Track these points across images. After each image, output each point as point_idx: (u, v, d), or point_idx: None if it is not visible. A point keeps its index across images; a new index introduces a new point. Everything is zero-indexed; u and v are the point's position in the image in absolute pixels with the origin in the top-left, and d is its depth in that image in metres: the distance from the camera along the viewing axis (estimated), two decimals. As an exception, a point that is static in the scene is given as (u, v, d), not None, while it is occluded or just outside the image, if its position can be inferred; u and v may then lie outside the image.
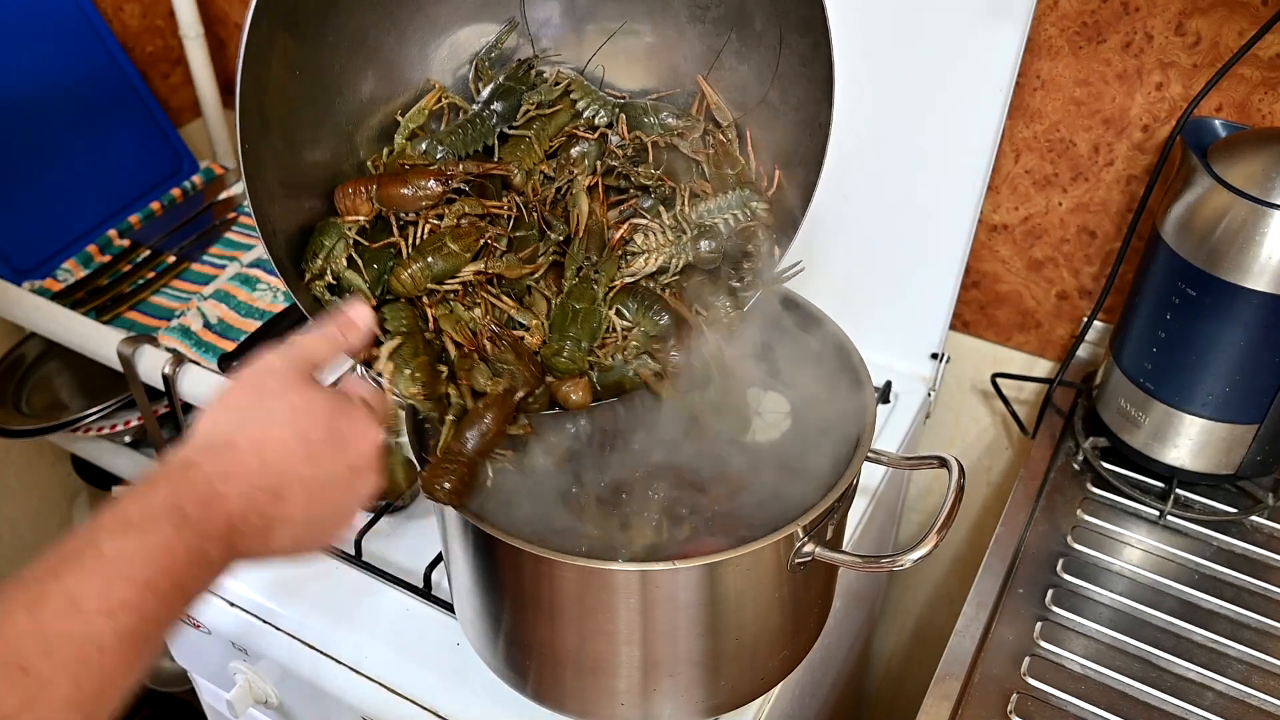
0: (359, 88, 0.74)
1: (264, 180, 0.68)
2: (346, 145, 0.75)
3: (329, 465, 0.59)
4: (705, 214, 0.77)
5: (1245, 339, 0.85)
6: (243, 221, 1.35)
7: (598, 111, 0.79)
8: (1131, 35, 0.92)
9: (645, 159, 0.77)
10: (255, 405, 0.59)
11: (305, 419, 0.59)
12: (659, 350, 0.75)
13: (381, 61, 0.75)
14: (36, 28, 1.26)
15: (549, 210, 0.76)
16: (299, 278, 0.72)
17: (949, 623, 0.87)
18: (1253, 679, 0.82)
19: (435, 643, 0.84)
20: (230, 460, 0.56)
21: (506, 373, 0.71)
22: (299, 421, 0.59)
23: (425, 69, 0.78)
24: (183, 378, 1.13)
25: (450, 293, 0.72)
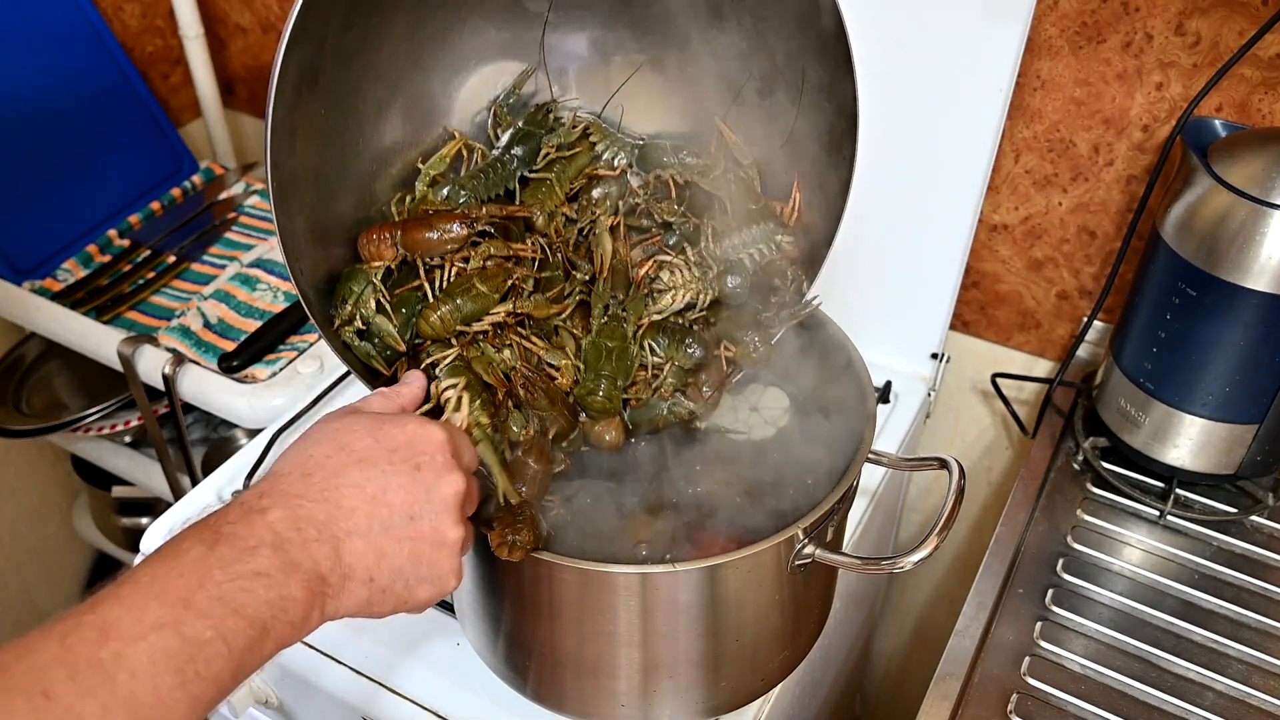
0: (381, 136, 0.75)
1: (294, 234, 0.68)
2: (368, 194, 0.75)
3: (385, 467, 0.56)
4: (730, 250, 0.77)
5: (1245, 339, 0.85)
6: (243, 221, 1.35)
7: (617, 153, 0.79)
8: (1131, 35, 0.92)
9: (667, 195, 0.77)
10: (298, 441, 0.58)
11: (345, 433, 0.57)
12: (692, 384, 0.75)
13: (403, 107, 0.75)
14: (37, 28, 1.26)
15: (573, 251, 0.76)
16: (329, 324, 0.72)
17: (949, 623, 0.87)
18: (1253, 679, 0.82)
19: (435, 643, 0.84)
20: (268, 483, 0.55)
21: (538, 418, 0.71)
22: (339, 436, 0.57)
23: (447, 113, 0.78)
24: (183, 378, 1.13)
25: (480, 334, 0.72)
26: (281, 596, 0.51)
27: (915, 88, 0.96)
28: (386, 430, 0.58)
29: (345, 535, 0.54)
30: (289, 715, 0.93)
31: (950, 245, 1.03)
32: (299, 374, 1.12)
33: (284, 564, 0.51)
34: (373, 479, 0.56)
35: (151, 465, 1.34)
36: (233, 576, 0.49)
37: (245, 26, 1.44)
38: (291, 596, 0.51)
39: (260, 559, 0.51)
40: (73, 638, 0.45)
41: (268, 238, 1.31)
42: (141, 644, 0.46)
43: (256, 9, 1.41)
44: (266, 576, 0.51)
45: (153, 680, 0.46)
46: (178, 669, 0.47)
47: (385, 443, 0.57)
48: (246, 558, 0.50)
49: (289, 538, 0.52)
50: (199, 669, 0.47)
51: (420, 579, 0.57)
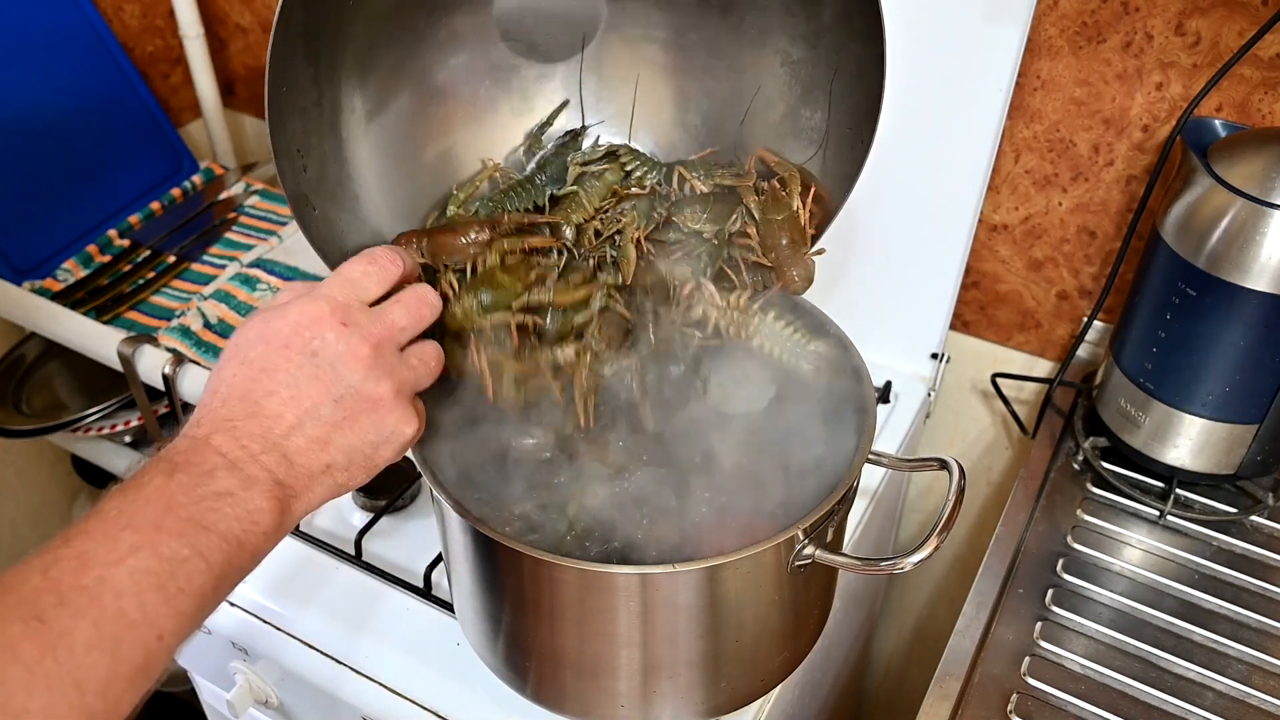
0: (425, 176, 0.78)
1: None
2: (409, 217, 0.78)
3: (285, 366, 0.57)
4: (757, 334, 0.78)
5: (1245, 339, 0.85)
6: (243, 221, 1.35)
7: (647, 172, 0.80)
8: (1131, 35, 0.92)
9: (693, 203, 0.78)
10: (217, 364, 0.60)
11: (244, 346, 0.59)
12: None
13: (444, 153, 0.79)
14: (36, 29, 1.26)
15: (598, 259, 0.78)
16: None
17: (949, 623, 0.87)
18: (1253, 679, 0.82)
19: (435, 643, 0.84)
20: (201, 411, 0.57)
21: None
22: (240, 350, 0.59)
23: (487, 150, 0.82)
24: (183, 378, 1.13)
25: (501, 330, 0.73)
26: (249, 511, 0.53)
27: (915, 88, 0.96)
28: (273, 327, 0.58)
29: (284, 439, 0.56)
30: (289, 715, 0.93)
31: (950, 245, 1.03)
32: (299, 374, 1.12)
33: (242, 480, 0.54)
34: (282, 382, 0.57)
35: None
36: (196, 499, 0.52)
37: (245, 26, 1.44)
38: (258, 508, 0.54)
39: (219, 480, 0.53)
40: (54, 570, 0.47)
41: (268, 238, 1.31)
42: (121, 567, 0.48)
43: (256, 9, 1.41)
44: (230, 495, 0.53)
45: (138, 597, 0.48)
46: (160, 585, 0.49)
47: (276, 341, 0.58)
48: (205, 481, 0.53)
49: (238, 456, 0.54)
50: (181, 585, 0.50)
51: (375, 444, 0.60)
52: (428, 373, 0.64)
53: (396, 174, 0.78)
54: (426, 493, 0.96)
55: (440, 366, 0.65)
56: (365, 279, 0.62)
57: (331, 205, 0.72)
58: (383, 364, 0.60)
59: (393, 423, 0.60)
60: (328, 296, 0.60)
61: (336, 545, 0.91)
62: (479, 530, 0.66)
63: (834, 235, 1.07)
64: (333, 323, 0.59)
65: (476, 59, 0.79)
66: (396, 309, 0.62)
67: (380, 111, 0.75)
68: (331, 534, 0.93)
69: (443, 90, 0.79)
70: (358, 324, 0.60)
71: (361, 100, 0.74)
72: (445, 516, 0.72)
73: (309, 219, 0.70)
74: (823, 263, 0.86)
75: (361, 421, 0.59)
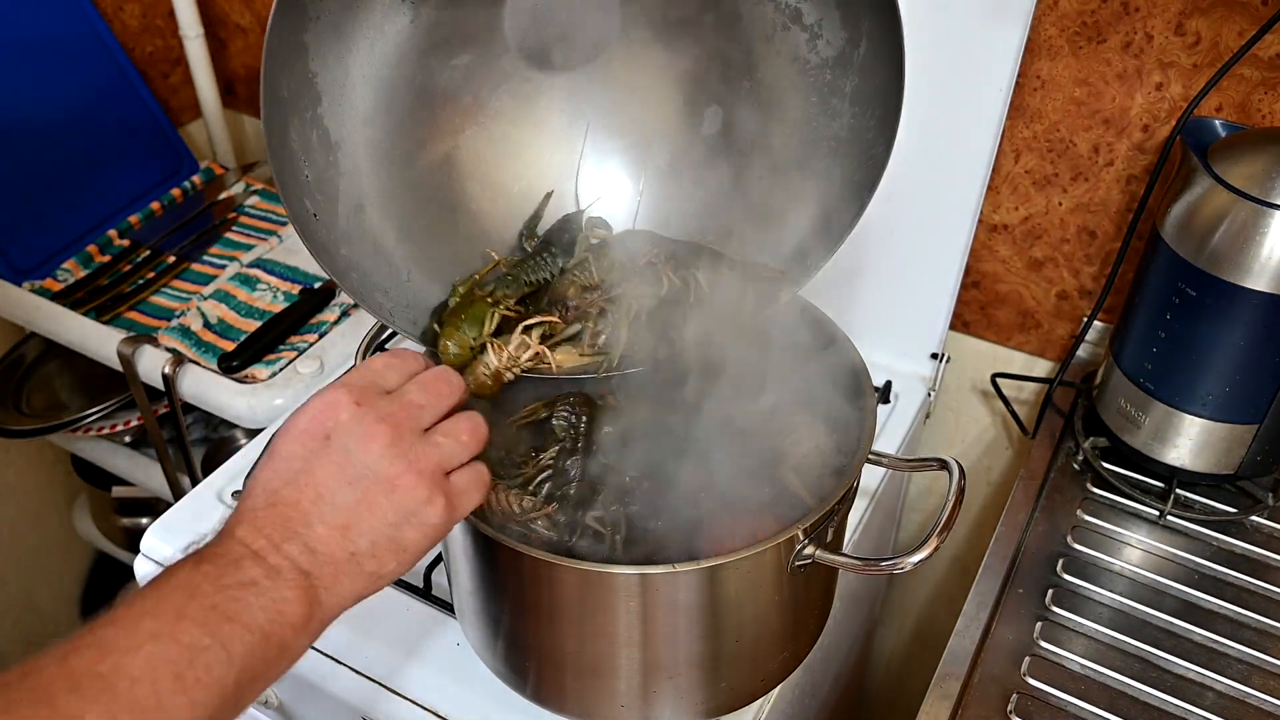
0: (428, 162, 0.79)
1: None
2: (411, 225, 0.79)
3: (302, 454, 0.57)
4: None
5: (1245, 339, 0.85)
6: (243, 221, 1.35)
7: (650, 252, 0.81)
8: (1131, 35, 0.92)
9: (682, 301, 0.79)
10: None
11: (273, 442, 0.59)
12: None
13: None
14: (37, 29, 1.26)
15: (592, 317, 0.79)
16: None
17: (949, 623, 0.87)
18: (1253, 679, 0.82)
19: (435, 643, 0.84)
20: (235, 510, 0.57)
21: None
22: (270, 447, 0.59)
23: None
24: (183, 378, 1.13)
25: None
26: (275, 600, 0.52)
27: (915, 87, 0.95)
28: (295, 421, 0.59)
29: (306, 528, 0.56)
30: (289, 715, 0.93)
31: (950, 245, 1.03)
32: (299, 374, 1.12)
33: (267, 571, 0.53)
34: (300, 471, 0.57)
35: (151, 465, 1.34)
36: (221, 588, 0.51)
37: (245, 26, 1.44)
38: (284, 598, 0.53)
39: (245, 570, 0.52)
40: (72, 657, 0.47)
41: (268, 238, 1.31)
42: (138, 654, 0.47)
43: (256, 9, 1.41)
44: (255, 585, 0.52)
45: (153, 685, 0.47)
46: (177, 674, 0.48)
47: (294, 431, 0.58)
48: (231, 571, 0.52)
49: (261, 546, 0.54)
50: (199, 674, 0.49)
51: (396, 525, 0.58)
52: (458, 447, 0.61)
53: (398, 180, 0.77)
54: (426, 493, 0.95)
55: (478, 439, 0.63)
56: (387, 370, 0.62)
57: (332, 212, 0.72)
58: (401, 444, 0.58)
59: (412, 503, 0.58)
60: (345, 383, 0.60)
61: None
62: (479, 530, 0.66)
63: (834, 235, 1.06)
64: (348, 405, 0.58)
65: (479, 63, 0.79)
66: (413, 388, 0.61)
67: (380, 112, 0.75)
68: (331, 534, 0.93)
69: (444, 92, 0.79)
70: (373, 405, 0.59)
71: (361, 100, 0.74)
72: (445, 516, 0.72)
73: (309, 226, 0.69)
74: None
75: (380, 503, 0.57)
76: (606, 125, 0.84)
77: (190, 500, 0.97)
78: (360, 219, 0.75)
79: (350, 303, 1.20)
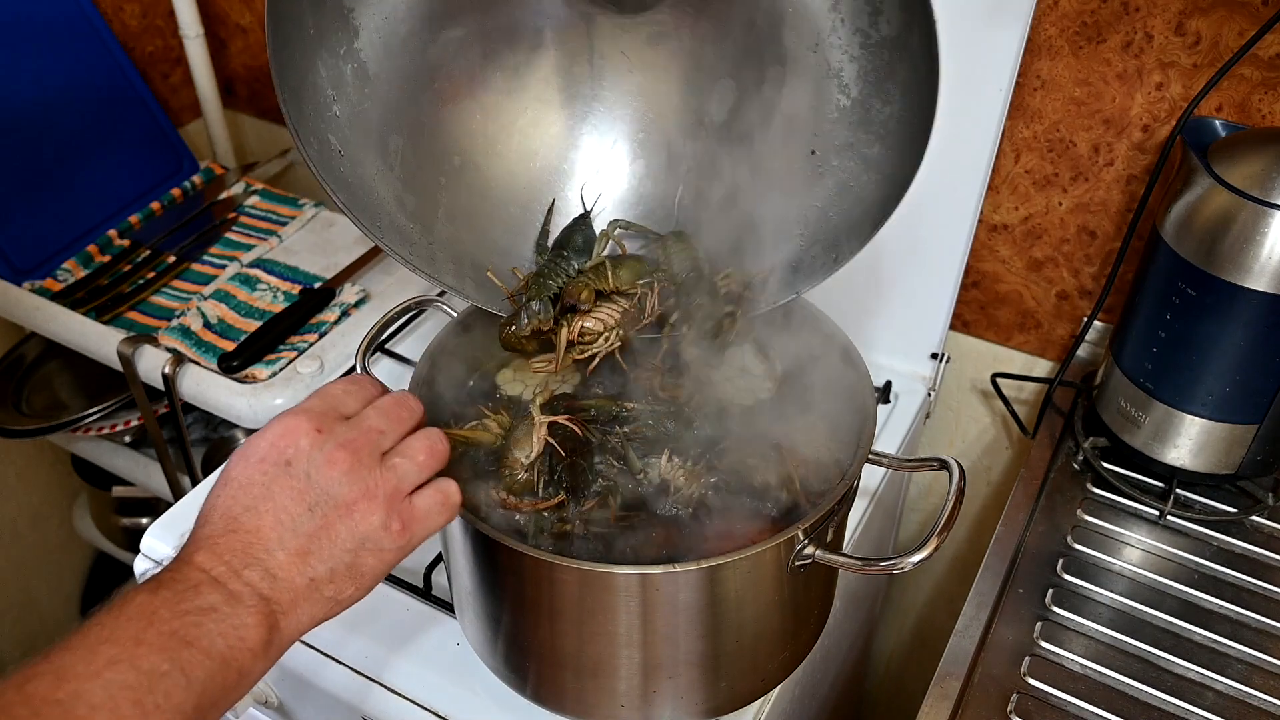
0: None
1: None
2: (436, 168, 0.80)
3: (262, 480, 0.57)
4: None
5: (1245, 339, 0.85)
6: (243, 221, 1.35)
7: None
8: (1131, 35, 0.92)
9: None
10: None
11: (228, 467, 0.59)
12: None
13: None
14: (37, 29, 1.26)
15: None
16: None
17: (949, 623, 0.87)
18: (1253, 679, 0.82)
19: (435, 643, 0.84)
20: (191, 535, 0.57)
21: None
22: (225, 472, 0.59)
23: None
24: (183, 378, 1.13)
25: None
26: (234, 626, 0.53)
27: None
28: (253, 445, 0.59)
29: (267, 554, 0.56)
30: (289, 715, 0.93)
31: (950, 245, 1.03)
32: (299, 374, 1.12)
33: (227, 597, 0.53)
34: (258, 496, 0.57)
35: (151, 465, 1.34)
36: (179, 614, 0.51)
37: (245, 26, 1.44)
38: (244, 624, 0.53)
39: (204, 596, 0.53)
40: (31, 684, 0.47)
41: (268, 238, 1.31)
42: (97, 680, 0.47)
43: (256, 9, 1.41)
44: (214, 610, 0.52)
45: (112, 711, 0.47)
46: (136, 700, 0.48)
47: (253, 458, 0.58)
48: (190, 597, 0.52)
49: (221, 572, 0.54)
50: (158, 700, 0.49)
51: (353, 551, 0.58)
52: (415, 468, 0.61)
53: (423, 118, 0.76)
54: (426, 493, 0.95)
55: (436, 457, 0.63)
56: (346, 395, 0.62)
57: (362, 150, 0.71)
58: (360, 469, 0.59)
59: (367, 529, 0.58)
60: (305, 409, 0.60)
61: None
62: (479, 530, 0.66)
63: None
64: (308, 431, 0.59)
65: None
66: (372, 413, 0.62)
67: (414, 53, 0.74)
68: (331, 534, 0.93)
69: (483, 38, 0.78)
70: (332, 431, 0.59)
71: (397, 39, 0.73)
72: (445, 516, 0.72)
73: (334, 170, 0.68)
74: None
75: (338, 529, 0.58)
76: (647, 101, 0.84)
77: (190, 500, 0.97)
78: (388, 156, 0.74)
79: (350, 303, 1.20)
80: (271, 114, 1.53)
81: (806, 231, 0.79)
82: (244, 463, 0.58)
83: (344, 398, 0.62)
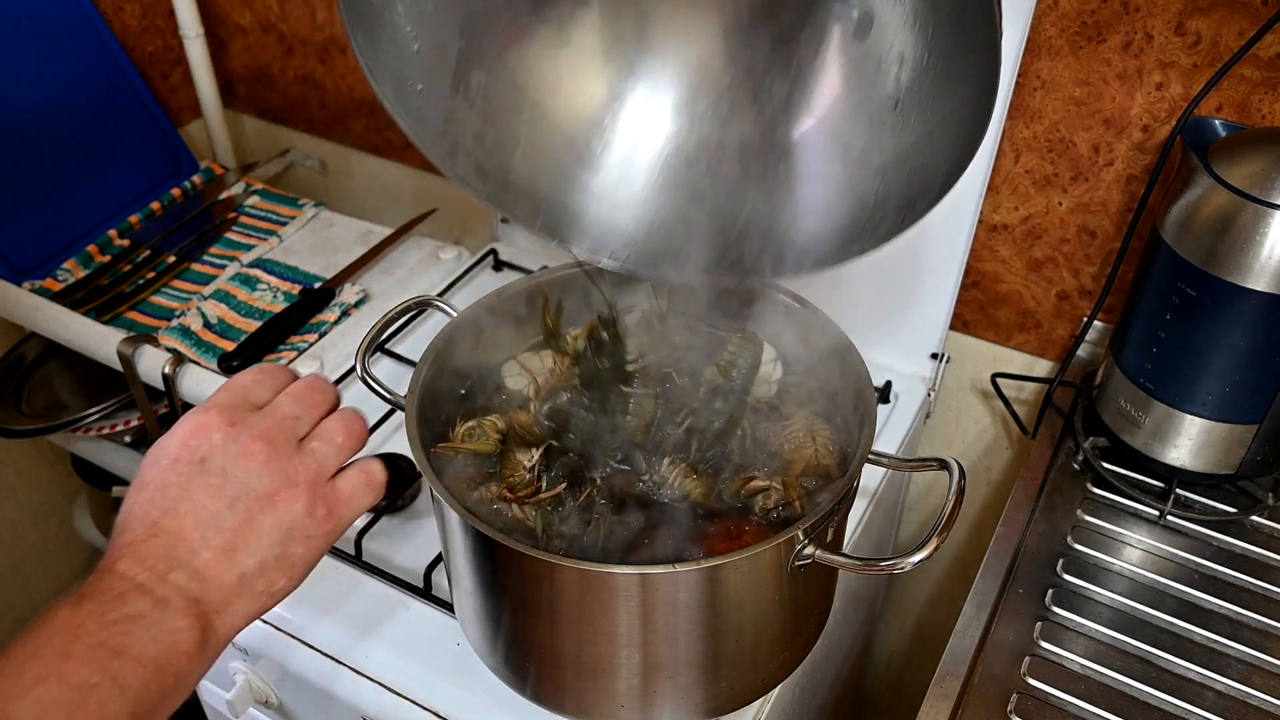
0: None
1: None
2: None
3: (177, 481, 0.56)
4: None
5: (1245, 339, 0.85)
6: (243, 221, 1.35)
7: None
8: (1131, 35, 0.92)
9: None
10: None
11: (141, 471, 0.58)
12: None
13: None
14: (37, 28, 1.26)
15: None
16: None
17: (949, 623, 0.87)
18: (1253, 679, 0.82)
19: (435, 643, 0.84)
20: (111, 544, 0.56)
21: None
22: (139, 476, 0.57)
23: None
24: (183, 378, 1.13)
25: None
26: (165, 631, 0.52)
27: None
28: (163, 447, 0.58)
29: (191, 555, 0.55)
30: (289, 715, 0.93)
31: (950, 245, 1.03)
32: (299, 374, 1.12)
33: (155, 602, 0.52)
34: (176, 497, 0.56)
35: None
36: (106, 624, 0.50)
37: (245, 26, 1.44)
38: (175, 628, 0.52)
39: (130, 604, 0.51)
40: None
41: (268, 238, 1.31)
42: (25, 700, 0.46)
43: (256, 9, 1.41)
44: (142, 617, 0.51)
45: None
46: (68, 715, 0.47)
47: (165, 460, 0.57)
48: (116, 606, 0.51)
49: (145, 579, 0.53)
50: (91, 713, 0.48)
51: (281, 542, 0.57)
52: (334, 451, 0.61)
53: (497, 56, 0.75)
54: (426, 493, 0.95)
55: (355, 437, 0.62)
56: (256, 385, 0.61)
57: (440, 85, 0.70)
58: (278, 458, 0.58)
59: (292, 517, 0.58)
60: (215, 404, 0.59)
61: (336, 545, 0.91)
62: (479, 530, 0.66)
63: (834, 235, 1.06)
64: (220, 425, 0.57)
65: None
66: (285, 400, 0.61)
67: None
68: (331, 534, 0.93)
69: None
70: (245, 423, 0.58)
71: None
72: (445, 516, 0.72)
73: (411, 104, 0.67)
74: (823, 263, 0.85)
75: (262, 521, 0.57)
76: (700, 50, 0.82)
77: (190, 500, 0.97)
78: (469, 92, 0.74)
79: (350, 303, 1.20)
80: (271, 114, 1.53)
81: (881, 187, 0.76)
82: (156, 465, 0.57)
83: (254, 388, 0.61)
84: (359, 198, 1.54)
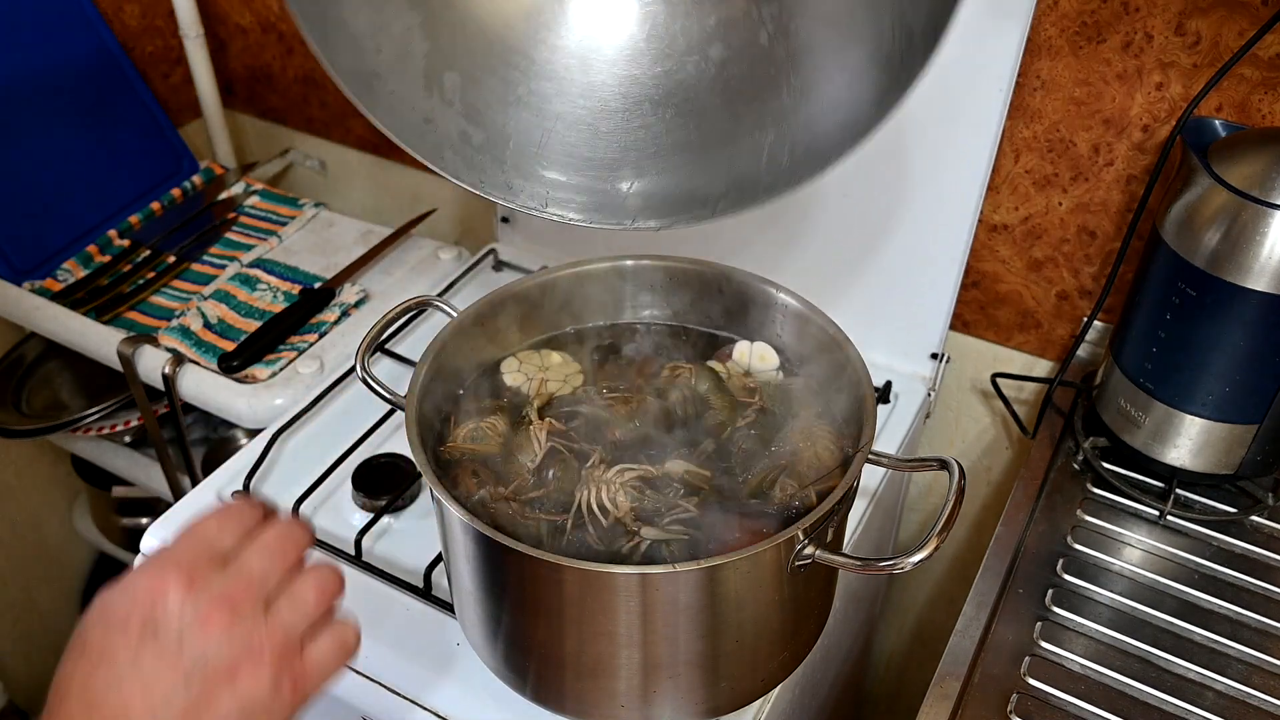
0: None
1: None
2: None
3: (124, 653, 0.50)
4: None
5: (1245, 339, 0.85)
6: (243, 221, 1.35)
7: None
8: (1131, 35, 0.92)
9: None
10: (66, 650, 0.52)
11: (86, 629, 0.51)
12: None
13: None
14: (37, 28, 1.26)
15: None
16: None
17: (949, 623, 0.87)
18: (1253, 679, 0.82)
19: (435, 643, 0.84)
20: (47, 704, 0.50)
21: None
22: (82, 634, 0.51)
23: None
24: (183, 378, 1.13)
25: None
26: None
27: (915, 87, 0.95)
28: (111, 606, 0.51)
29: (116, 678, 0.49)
30: (289, 715, 0.93)
31: (950, 245, 1.03)
32: (299, 374, 1.12)
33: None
34: (123, 671, 0.49)
35: (151, 465, 1.34)
36: None
37: (245, 26, 1.44)
38: None
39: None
40: None
41: (268, 238, 1.31)
42: None
43: (256, 9, 1.41)
44: None
45: None
46: None
47: (113, 620, 0.50)
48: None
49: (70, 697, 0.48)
50: None
51: (247, 712, 0.51)
52: (304, 618, 0.54)
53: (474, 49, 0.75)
54: (426, 492, 0.95)
55: (327, 597, 0.56)
56: (221, 531, 0.54)
57: (405, 84, 0.70)
58: (241, 625, 0.51)
59: (256, 694, 0.51)
60: (174, 558, 0.52)
61: (336, 545, 0.91)
62: (479, 530, 0.66)
63: (834, 235, 1.07)
64: (176, 585, 0.51)
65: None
66: (252, 554, 0.54)
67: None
68: (331, 534, 0.93)
69: None
70: (206, 583, 0.51)
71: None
72: (445, 516, 0.72)
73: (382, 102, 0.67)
74: (823, 262, 0.86)
75: (220, 699, 0.50)
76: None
77: (190, 500, 0.97)
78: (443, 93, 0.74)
79: (350, 303, 1.20)
80: (271, 114, 1.53)
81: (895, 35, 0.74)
82: (102, 626, 0.50)
83: (219, 535, 0.54)
84: (359, 198, 1.54)
